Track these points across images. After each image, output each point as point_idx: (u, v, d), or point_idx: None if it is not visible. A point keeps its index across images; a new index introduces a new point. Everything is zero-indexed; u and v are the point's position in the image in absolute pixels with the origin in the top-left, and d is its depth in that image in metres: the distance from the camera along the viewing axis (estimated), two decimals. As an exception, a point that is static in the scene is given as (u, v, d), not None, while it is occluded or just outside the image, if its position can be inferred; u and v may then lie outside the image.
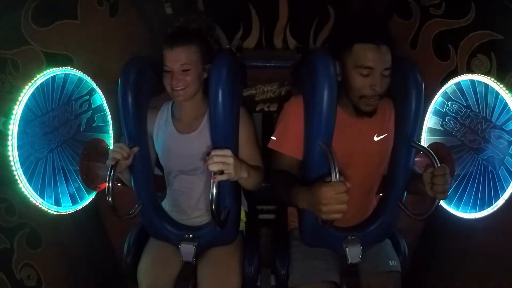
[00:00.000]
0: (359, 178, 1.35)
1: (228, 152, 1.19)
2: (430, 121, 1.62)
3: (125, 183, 1.48)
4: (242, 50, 2.00)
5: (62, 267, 1.44)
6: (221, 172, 1.18)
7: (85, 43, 1.46)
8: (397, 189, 1.38)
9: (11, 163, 1.16)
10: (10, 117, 1.15)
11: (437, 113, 1.59)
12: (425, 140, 1.63)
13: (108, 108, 1.64)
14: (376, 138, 1.38)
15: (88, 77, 1.50)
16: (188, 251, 1.43)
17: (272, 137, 1.39)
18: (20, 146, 1.18)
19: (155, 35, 1.79)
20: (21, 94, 1.19)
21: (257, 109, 2.02)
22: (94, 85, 1.55)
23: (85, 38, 1.44)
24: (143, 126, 1.45)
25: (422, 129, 1.62)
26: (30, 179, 1.23)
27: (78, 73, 1.44)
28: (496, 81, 1.26)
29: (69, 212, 1.42)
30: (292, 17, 1.99)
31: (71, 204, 1.43)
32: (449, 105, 1.52)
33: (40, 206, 1.27)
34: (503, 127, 1.26)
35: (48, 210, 1.31)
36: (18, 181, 1.19)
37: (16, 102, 1.17)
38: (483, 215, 1.33)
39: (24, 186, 1.21)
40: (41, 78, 1.26)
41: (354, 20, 1.93)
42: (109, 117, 1.65)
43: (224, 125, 1.28)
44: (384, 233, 1.47)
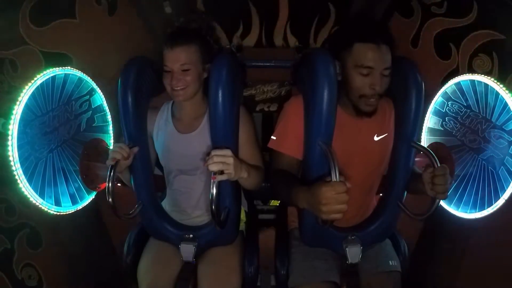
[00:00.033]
0: (359, 178, 1.35)
1: (228, 152, 1.19)
2: (430, 121, 1.62)
3: (125, 183, 1.48)
4: (242, 49, 1.99)
5: (63, 267, 1.45)
6: (221, 172, 1.18)
7: (83, 42, 1.45)
8: (397, 189, 1.37)
9: (11, 163, 1.16)
10: (9, 117, 1.15)
11: (437, 113, 1.59)
12: (425, 140, 1.63)
13: (108, 108, 1.64)
14: (376, 138, 1.37)
15: (88, 77, 1.49)
16: (188, 251, 1.43)
17: (272, 137, 1.38)
18: (20, 146, 1.18)
19: (154, 34, 1.78)
20: (21, 94, 1.18)
21: (257, 109, 2.01)
22: (94, 85, 1.55)
23: (84, 37, 1.44)
24: (143, 126, 1.44)
25: (422, 129, 1.61)
26: (30, 179, 1.23)
27: (78, 73, 1.44)
28: (496, 81, 1.26)
29: (69, 212, 1.42)
30: (293, 14, 1.97)
31: (71, 204, 1.43)
32: (449, 105, 1.51)
33: (40, 206, 1.27)
34: (503, 127, 1.26)
35: (48, 210, 1.31)
36: (18, 181, 1.19)
37: (16, 102, 1.17)
38: (483, 215, 1.33)
39: (24, 186, 1.21)
40: (41, 78, 1.26)
41: (354, 19, 1.93)
42: (109, 117, 1.65)
43: (224, 125, 1.28)
44: (384, 233, 1.47)
